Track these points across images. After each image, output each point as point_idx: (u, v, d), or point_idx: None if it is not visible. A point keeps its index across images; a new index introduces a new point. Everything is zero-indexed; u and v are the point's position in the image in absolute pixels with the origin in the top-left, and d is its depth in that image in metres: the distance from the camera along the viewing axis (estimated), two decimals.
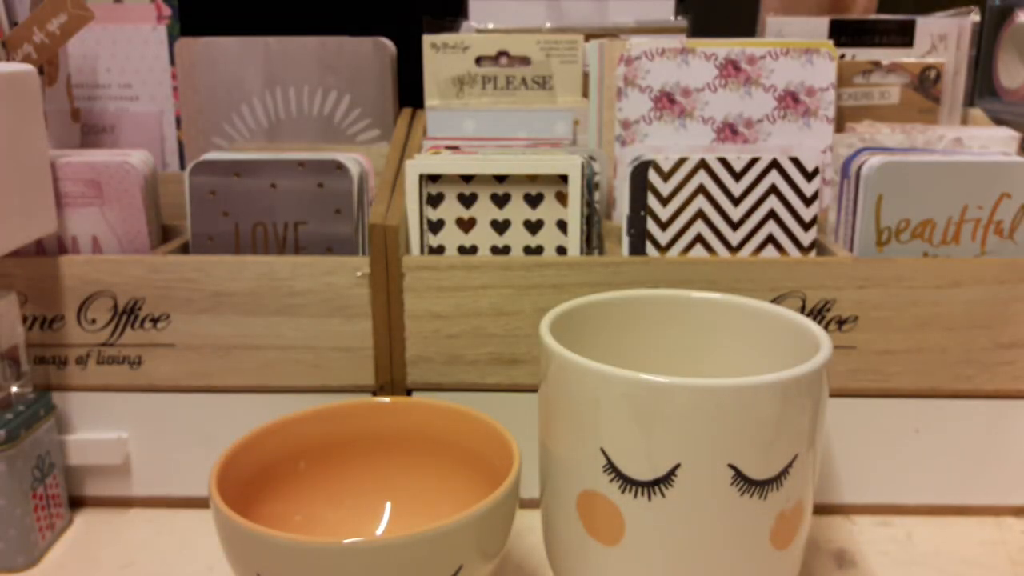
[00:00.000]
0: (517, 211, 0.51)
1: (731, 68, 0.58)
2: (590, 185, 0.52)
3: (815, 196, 0.50)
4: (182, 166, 0.69)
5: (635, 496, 0.35)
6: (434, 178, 0.51)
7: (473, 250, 0.52)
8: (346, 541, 0.33)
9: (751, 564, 0.36)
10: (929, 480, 0.51)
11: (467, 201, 0.51)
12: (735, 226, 0.51)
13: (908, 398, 0.50)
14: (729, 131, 0.59)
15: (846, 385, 0.50)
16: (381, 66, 0.66)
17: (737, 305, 0.44)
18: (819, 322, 0.48)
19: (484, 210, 0.51)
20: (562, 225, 0.51)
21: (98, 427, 0.52)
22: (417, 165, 0.51)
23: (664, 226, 0.51)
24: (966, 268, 0.48)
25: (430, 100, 0.64)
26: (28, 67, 0.47)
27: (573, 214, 0.51)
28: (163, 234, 0.56)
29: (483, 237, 0.51)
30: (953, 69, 0.66)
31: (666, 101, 0.58)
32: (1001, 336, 0.49)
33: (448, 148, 0.56)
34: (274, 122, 0.67)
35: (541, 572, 0.46)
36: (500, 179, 0.51)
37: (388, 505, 0.46)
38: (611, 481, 0.35)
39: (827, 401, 0.37)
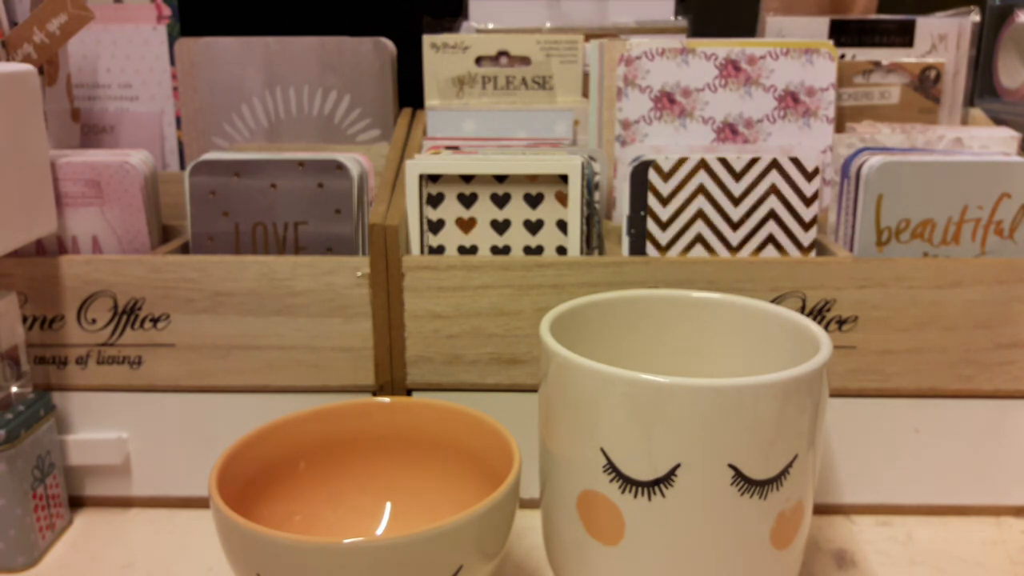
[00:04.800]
0: (517, 211, 0.51)
1: (731, 68, 0.58)
2: (590, 185, 0.52)
3: (815, 196, 0.50)
4: (182, 166, 0.69)
5: (635, 496, 0.35)
6: (434, 178, 0.51)
7: (473, 250, 0.52)
8: (346, 541, 0.33)
9: (751, 564, 0.36)
10: (929, 480, 0.51)
11: (467, 201, 0.51)
12: (735, 226, 0.51)
13: (908, 398, 0.50)
14: (729, 131, 0.59)
15: (846, 385, 0.50)
16: (381, 66, 0.66)
17: (737, 305, 0.44)
18: (819, 322, 0.48)
19: (484, 210, 0.51)
20: (562, 225, 0.51)
21: (98, 427, 0.52)
22: (417, 165, 0.51)
23: (664, 226, 0.51)
24: (966, 268, 0.48)
25: (430, 100, 0.64)
26: (28, 67, 0.47)
27: (573, 214, 0.51)
28: (163, 234, 0.56)
29: (483, 237, 0.51)
30: (953, 69, 0.66)
31: (666, 101, 0.58)
32: (1001, 336, 0.49)
33: (448, 148, 0.56)
34: (274, 122, 0.67)
35: (541, 572, 0.46)
36: (500, 179, 0.51)
37: (388, 505, 0.46)
38: (611, 481, 0.35)
39: (827, 401, 0.37)
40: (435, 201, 0.51)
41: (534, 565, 0.47)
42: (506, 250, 0.51)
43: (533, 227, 0.51)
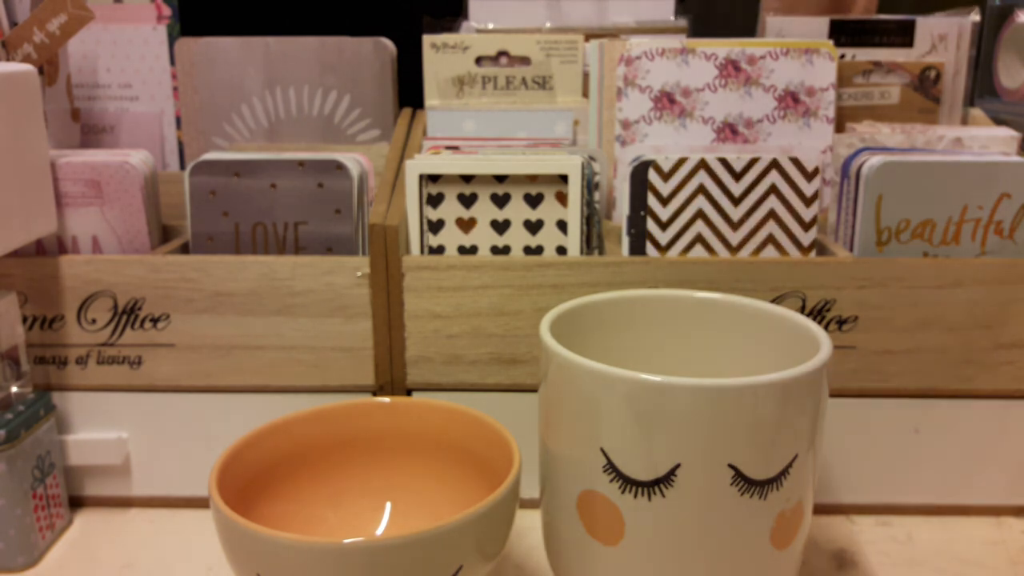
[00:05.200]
0: (517, 211, 0.51)
1: (731, 68, 0.58)
2: (590, 185, 0.52)
3: (815, 196, 0.50)
4: (182, 166, 0.69)
5: (635, 496, 0.35)
6: (434, 178, 0.51)
7: (473, 250, 0.52)
8: (346, 541, 0.33)
9: (751, 564, 0.36)
10: (929, 480, 0.51)
11: (467, 201, 0.51)
12: (735, 226, 0.51)
13: (908, 398, 0.50)
14: (729, 131, 0.59)
15: (846, 385, 0.50)
16: (381, 66, 0.66)
17: (737, 305, 0.44)
18: (819, 322, 0.48)
19: (484, 210, 0.51)
20: (562, 225, 0.51)
21: (98, 427, 0.52)
22: (417, 165, 0.51)
23: (664, 226, 0.51)
24: (966, 268, 0.48)
25: (430, 100, 0.64)
26: (28, 67, 0.47)
27: (573, 214, 0.51)
28: (163, 234, 0.56)
29: (483, 237, 0.51)
30: (953, 69, 0.66)
31: (666, 101, 0.58)
32: (1001, 336, 0.49)
33: (448, 148, 0.56)
34: (274, 122, 0.67)
35: (541, 572, 0.46)
36: (500, 179, 0.51)
37: (388, 505, 0.46)
38: (611, 481, 0.35)
39: (827, 401, 0.37)
40: (435, 201, 0.51)
41: (534, 565, 0.47)
42: (506, 250, 0.51)
43: (533, 227, 0.51)
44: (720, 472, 0.34)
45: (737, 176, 0.50)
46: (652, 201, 0.50)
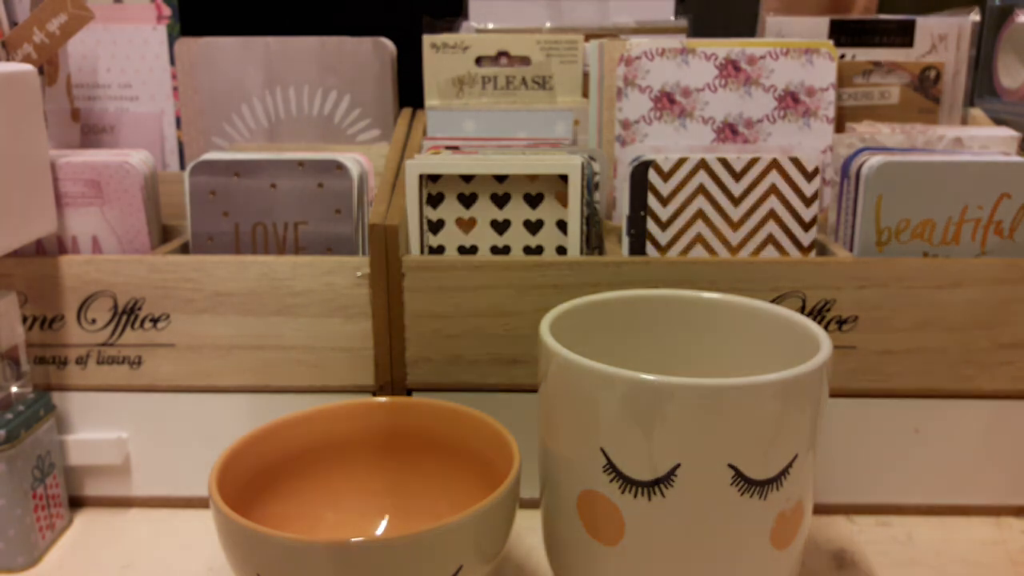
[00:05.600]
0: (517, 211, 0.51)
1: (731, 68, 0.58)
2: (590, 185, 0.52)
3: (815, 196, 0.50)
4: (182, 166, 0.69)
5: (635, 496, 0.35)
6: (434, 178, 0.51)
7: (473, 250, 0.52)
8: (346, 541, 0.33)
9: (751, 564, 0.36)
10: (929, 480, 0.51)
11: (467, 201, 0.51)
12: (735, 226, 0.51)
13: (908, 398, 0.50)
14: (729, 131, 0.59)
15: (846, 385, 0.50)
16: (381, 66, 0.66)
17: (737, 305, 0.44)
18: (819, 322, 0.48)
19: (484, 210, 0.51)
20: (562, 225, 0.51)
21: (98, 427, 0.52)
22: (417, 165, 0.51)
23: (664, 226, 0.51)
24: (966, 268, 0.48)
25: (430, 100, 0.64)
26: (28, 67, 0.47)
27: (573, 214, 0.51)
28: (163, 234, 0.56)
29: (483, 237, 0.51)
30: (953, 69, 0.66)
31: (666, 101, 0.58)
32: (1001, 336, 0.49)
33: (448, 148, 0.56)
34: (274, 122, 0.67)
35: (541, 572, 0.46)
36: (500, 179, 0.51)
37: (388, 506, 0.46)
38: (611, 481, 0.35)
39: (827, 401, 0.37)
40: (435, 201, 0.51)
41: (534, 565, 0.47)
42: (506, 250, 0.51)
43: (533, 227, 0.51)
44: (720, 472, 0.34)
45: (737, 176, 0.50)
46: (652, 201, 0.50)
